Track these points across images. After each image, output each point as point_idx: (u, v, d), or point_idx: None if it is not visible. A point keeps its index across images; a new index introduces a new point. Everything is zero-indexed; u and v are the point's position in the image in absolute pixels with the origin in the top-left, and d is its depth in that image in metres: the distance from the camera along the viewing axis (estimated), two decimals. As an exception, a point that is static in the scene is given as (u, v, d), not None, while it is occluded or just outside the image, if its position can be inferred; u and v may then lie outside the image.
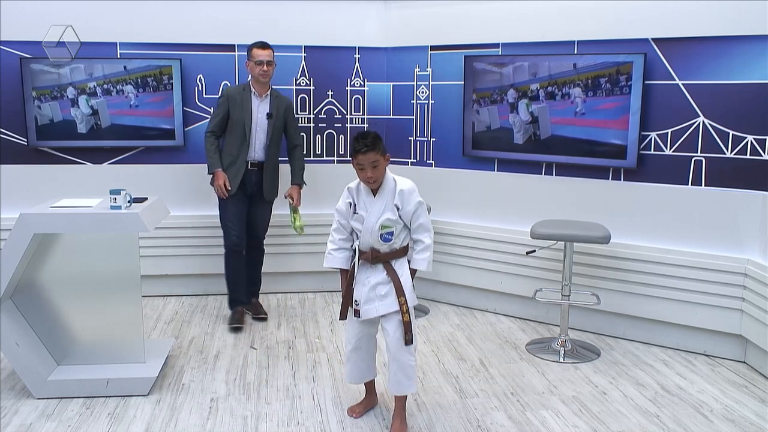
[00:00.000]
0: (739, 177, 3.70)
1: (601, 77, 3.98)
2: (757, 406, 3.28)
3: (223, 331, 4.23)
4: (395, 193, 2.89)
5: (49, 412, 3.13)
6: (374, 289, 2.91)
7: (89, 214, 3.19)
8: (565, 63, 4.10)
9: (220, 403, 3.26)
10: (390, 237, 2.89)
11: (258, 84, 4.23)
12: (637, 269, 3.99)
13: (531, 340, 4.12)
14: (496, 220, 4.54)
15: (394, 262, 2.94)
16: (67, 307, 3.47)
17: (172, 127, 4.68)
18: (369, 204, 2.90)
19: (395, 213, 2.88)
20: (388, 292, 2.90)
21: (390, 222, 2.87)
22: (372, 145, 2.80)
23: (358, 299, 2.94)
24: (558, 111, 4.16)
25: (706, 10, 3.69)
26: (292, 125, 4.40)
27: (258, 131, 4.24)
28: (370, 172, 2.83)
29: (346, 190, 2.98)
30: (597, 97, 4.03)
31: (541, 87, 4.19)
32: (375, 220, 2.87)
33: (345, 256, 3.01)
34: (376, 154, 2.81)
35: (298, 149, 4.44)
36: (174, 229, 4.76)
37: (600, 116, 4.04)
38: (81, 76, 4.57)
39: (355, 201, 2.94)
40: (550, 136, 4.23)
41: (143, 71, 4.61)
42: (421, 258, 2.94)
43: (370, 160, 2.81)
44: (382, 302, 2.91)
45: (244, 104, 4.20)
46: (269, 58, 4.19)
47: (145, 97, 4.64)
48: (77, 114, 4.60)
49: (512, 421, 3.10)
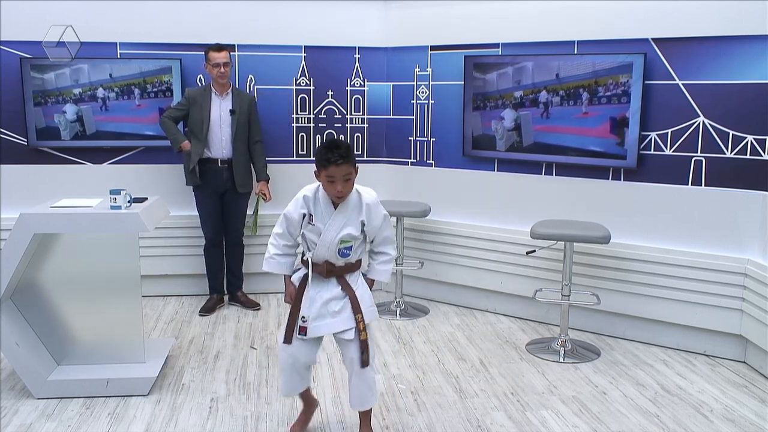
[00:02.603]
0: (739, 177, 3.70)
1: (582, 87, 3.99)
2: (757, 406, 3.28)
3: (223, 331, 4.23)
4: (361, 207, 2.66)
5: (49, 412, 3.13)
6: (327, 305, 2.68)
7: (89, 214, 3.19)
8: (549, 69, 4.10)
9: (220, 403, 3.26)
10: (348, 252, 2.69)
11: (217, 84, 4.39)
12: (637, 269, 3.99)
13: (531, 340, 4.12)
14: (496, 220, 4.54)
15: (348, 276, 2.74)
16: (67, 307, 3.47)
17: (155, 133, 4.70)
18: (328, 216, 2.64)
19: (358, 229, 2.66)
20: (342, 308, 2.69)
21: (350, 237, 2.66)
22: (347, 156, 2.54)
23: (306, 315, 2.68)
24: (539, 119, 4.17)
25: (706, 10, 3.69)
26: (255, 122, 4.54)
27: (223, 127, 4.41)
28: (341, 186, 2.56)
29: (302, 199, 2.67)
30: (577, 105, 4.07)
31: (525, 95, 4.22)
32: (334, 235, 2.64)
33: (290, 261, 2.77)
34: (350, 166, 2.56)
35: (260, 145, 4.57)
36: (174, 229, 4.76)
37: (582, 124, 4.08)
38: (66, 82, 4.57)
39: (312, 211, 2.66)
40: (533, 143, 4.29)
41: (127, 80, 4.61)
42: (383, 269, 2.80)
43: (344, 173, 2.54)
44: (335, 319, 2.69)
45: (204, 104, 4.38)
46: (225, 59, 4.34)
47: (128, 104, 4.65)
48: (61, 120, 4.60)
49: (512, 421, 3.10)
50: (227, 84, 4.42)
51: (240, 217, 4.62)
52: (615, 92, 3.95)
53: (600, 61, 3.98)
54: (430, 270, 4.80)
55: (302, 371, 2.80)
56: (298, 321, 2.70)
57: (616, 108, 3.96)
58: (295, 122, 4.91)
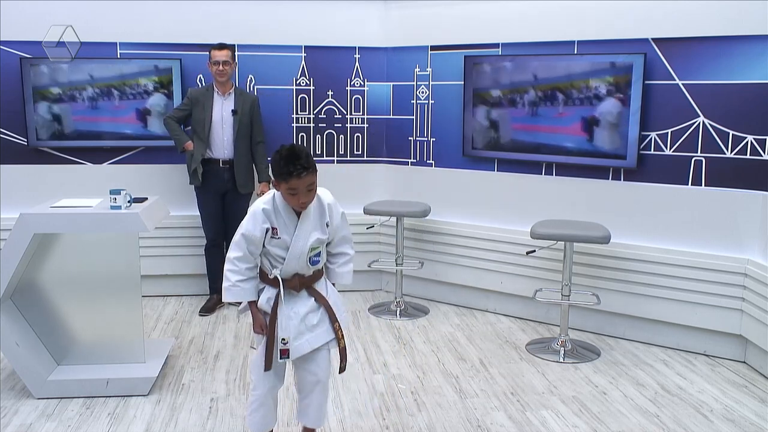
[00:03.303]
0: (739, 177, 3.70)
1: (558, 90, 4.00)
2: (757, 406, 3.28)
3: (223, 331, 4.23)
4: (324, 209, 2.53)
5: (49, 412, 3.13)
6: (304, 320, 2.53)
7: (89, 214, 3.19)
8: (524, 71, 4.10)
9: (220, 403, 3.26)
10: (318, 259, 2.54)
11: (219, 84, 4.39)
12: (637, 269, 3.99)
13: (531, 340, 4.12)
14: (496, 220, 4.54)
15: (317, 284, 2.59)
16: (67, 307, 3.47)
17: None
18: (293, 226, 2.48)
19: (324, 231, 2.53)
20: (320, 321, 2.56)
21: (319, 243, 2.52)
22: (308, 166, 2.36)
23: (286, 337, 2.49)
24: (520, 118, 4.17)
25: (706, 10, 3.69)
26: (258, 122, 4.55)
27: (225, 128, 4.42)
28: (304, 197, 2.40)
29: (261, 213, 2.47)
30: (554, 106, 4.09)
31: (504, 95, 4.22)
32: (304, 243, 2.48)
33: (254, 285, 2.55)
34: (314, 175, 2.39)
35: (262, 146, 4.57)
36: (174, 229, 4.76)
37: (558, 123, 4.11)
38: (44, 81, 4.56)
39: (275, 224, 2.47)
40: (510, 140, 4.33)
41: (107, 81, 4.61)
42: (345, 271, 2.65)
43: (307, 183, 2.37)
44: (314, 333, 2.54)
45: (206, 103, 4.38)
46: (226, 58, 4.35)
47: (110, 104, 4.65)
48: (37, 120, 4.59)
49: (512, 421, 3.10)
50: (229, 84, 4.43)
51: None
52: (616, 93, 3.95)
53: (600, 61, 3.98)
54: (430, 270, 4.80)
55: (275, 399, 2.66)
56: (278, 344, 2.51)
57: (570, 116, 3.98)
58: (295, 122, 4.91)
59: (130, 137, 4.70)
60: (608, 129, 4.01)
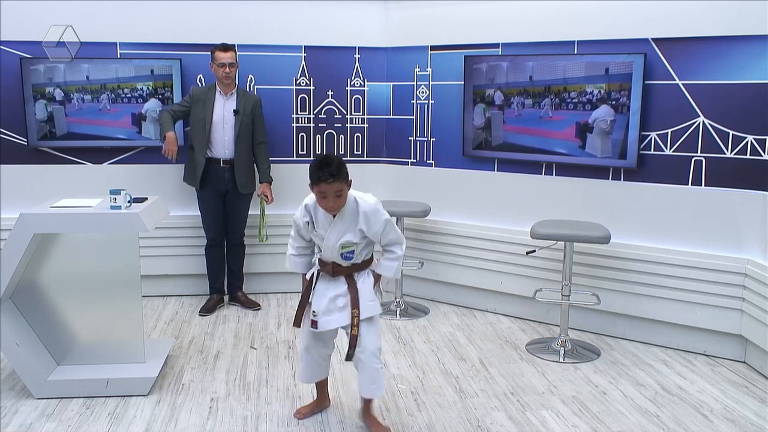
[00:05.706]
0: (739, 177, 3.70)
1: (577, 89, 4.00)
2: (757, 406, 3.28)
3: (223, 331, 4.23)
4: (358, 216, 2.74)
5: (49, 412, 3.13)
6: (334, 301, 2.83)
7: (89, 214, 3.19)
8: (522, 71, 4.10)
9: (220, 403, 3.26)
10: (351, 255, 2.80)
11: (222, 84, 4.38)
12: (637, 269, 3.99)
13: (531, 340, 4.12)
14: (496, 220, 4.54)
15: (356, 275, 2.86)
16: (67, 307, 3.47)
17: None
18: (327, 224, 2.77)
19: (357, 236, 2.76)
20: (346, 304, 2.83)
21: (350, 243, 2.77)
22: (338, 173, 2.61)
23: (316, 310, 2.84)
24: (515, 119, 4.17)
25: (706, 10, 3.69)
26: (260, 123, 4.53)
27: (226, 127, 4.40)
28: (333, 202, 2.67)
29: (303, 208, 2.82)
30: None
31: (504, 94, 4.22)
32: (334, 241, 2.76)
33: (305, 261, 2.96)
34: (342, 183, 2.64)
35: (263, 146, 4.55)
36: (174, 229, 4.76)
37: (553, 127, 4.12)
38: (40, 79, 4.56)
39: (314, 219, 2.80)
40: (510, 140, 4.33)
41: (105, 83, 4.60)
42: (389, 264, 2.88)
43: (335, 189, 2.63)
44: (342, 314, 2.83)
45: (207, 102, 4.37)
46: (231, 60, 4.34)
47: (110, 105, 4.65)
48: (36, 119, 4.59)
49: (512, 421, 3.10)
50: (232, 84, 4.42)
51: (241, 217, 4.62)
52: (617, 94, 3.95)
53: (600, 62, 3.98)
54: (430, 270, 4.80)
55: (319, 360, 3.01)
56: (310, 314, 2.86)
57: (564, 120, 3.98)
58: (295, 122, 4.91)
59: (128, 140, 4.70)
60: (606, 131, 4.01)
